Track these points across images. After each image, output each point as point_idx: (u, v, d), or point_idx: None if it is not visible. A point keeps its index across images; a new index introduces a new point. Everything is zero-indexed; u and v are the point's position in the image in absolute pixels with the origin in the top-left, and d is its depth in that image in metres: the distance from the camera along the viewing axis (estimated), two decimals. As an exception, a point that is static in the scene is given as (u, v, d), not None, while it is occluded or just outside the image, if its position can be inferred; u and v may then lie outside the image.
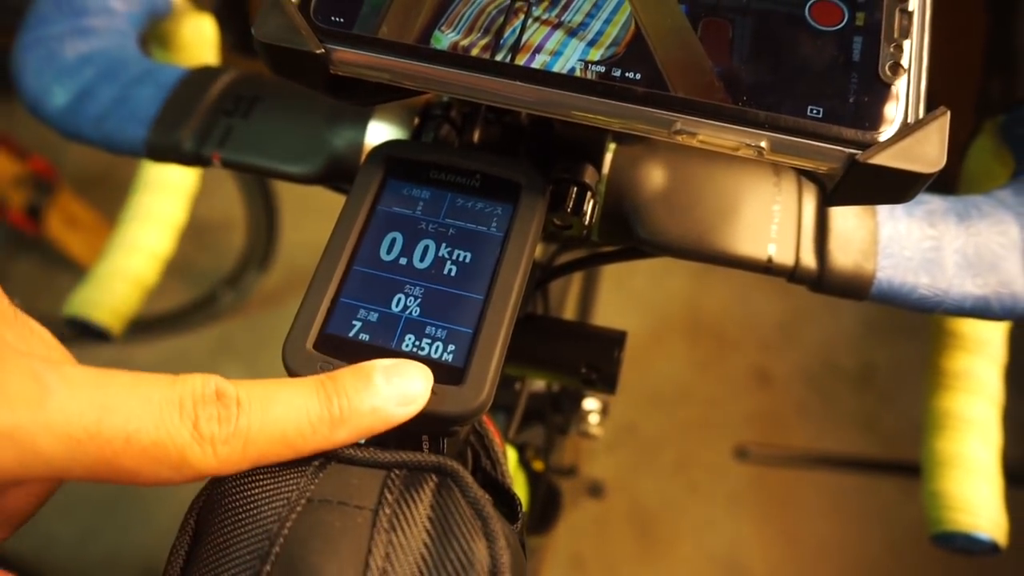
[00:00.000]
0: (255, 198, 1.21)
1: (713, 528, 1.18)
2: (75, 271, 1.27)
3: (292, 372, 0.23)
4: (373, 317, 0.23)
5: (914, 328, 1.29)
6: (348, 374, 0.21)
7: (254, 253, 1.29)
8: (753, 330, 1.36)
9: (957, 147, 0.36)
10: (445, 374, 0.22)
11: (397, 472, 0.20)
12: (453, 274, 0.24)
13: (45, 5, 0.38)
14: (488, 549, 0.18)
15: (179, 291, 1.33)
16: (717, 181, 0.29)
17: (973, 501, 0.36)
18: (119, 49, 0.38)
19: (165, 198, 0.52)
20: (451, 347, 0.23)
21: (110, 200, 0.53)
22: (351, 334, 0.23)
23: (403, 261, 0.24)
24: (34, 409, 0.17)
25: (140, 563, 1.15)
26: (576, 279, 0.86)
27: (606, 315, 1.19)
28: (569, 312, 0.85)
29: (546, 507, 0.51)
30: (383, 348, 0.23)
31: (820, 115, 0.21)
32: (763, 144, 0.21)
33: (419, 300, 0.24)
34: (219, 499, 0.19)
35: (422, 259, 0.24)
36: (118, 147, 0.35)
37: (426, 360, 0.23)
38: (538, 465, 0.49)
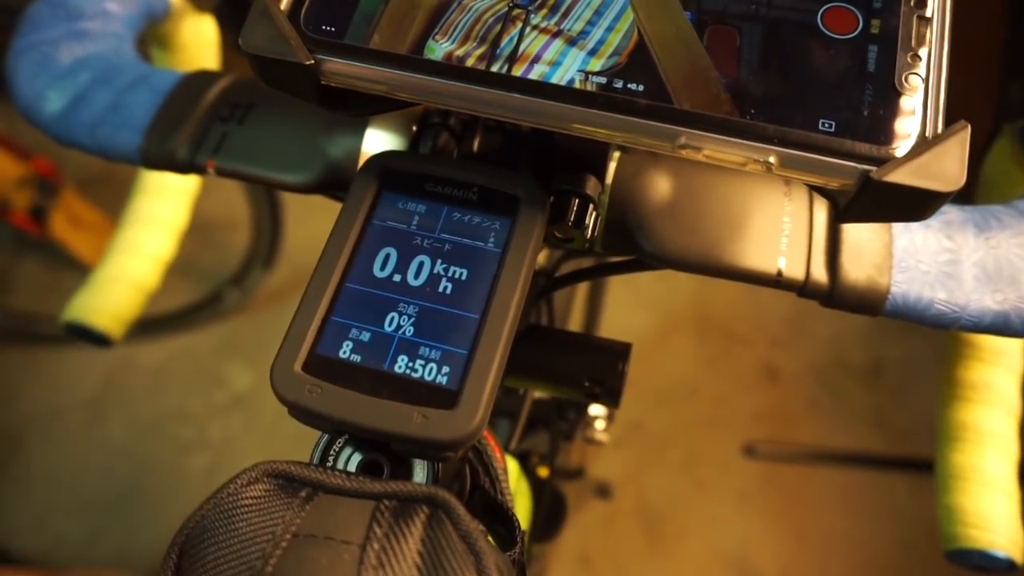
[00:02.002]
0: (259, 196, 1.20)
1: (721, 525, 1.17)
2: (81, 271, 1.27)
3: (280, 396, 0.22)
4: (365, 337, 0.23)
5: (925, 324, 1.27)
6: None
7: (259, 251, 1.28)
8: (762, 326, 1.35)
9: (975, 153, 0.35)
10: (438, 397, 0.22)
11: (387, 503, 0.19)
12: (448, 292, 0.23)
13: (40, 9, 0.38)
14: (481, 589, 0.18)
15: (184, 290, 1.32)
16: (725, 191, 0.28)
17: (990, 517, 0.35)
18: (114, 53, 0.37)
19: (166, 201, 0.51)
20: (445, 369, 0.22)
21: (114, 199, 0.52)
22: (342, 355, 0.22)
23: (397, 278, 0.24)
24: None
25: (148, 563, 1.16)
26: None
27: (614, 312, 1.18)
28: (577, 311, 0.84)
29: (551, 514, 0.51)
30: (375, 370, 0.22)
31: (832, 129, 0.20)
32: (772, 159, 0.20)
33: (413, 319, 0.23)
34: (202, 534, 0.19)
35: (417, 276, 0.24)
36: (112, 154, 0.34)
37: (419, 383, 0.22)
38: (543, 471, 0.49)
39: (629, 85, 0.21)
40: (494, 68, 0.22)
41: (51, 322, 1.23)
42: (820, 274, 0.27)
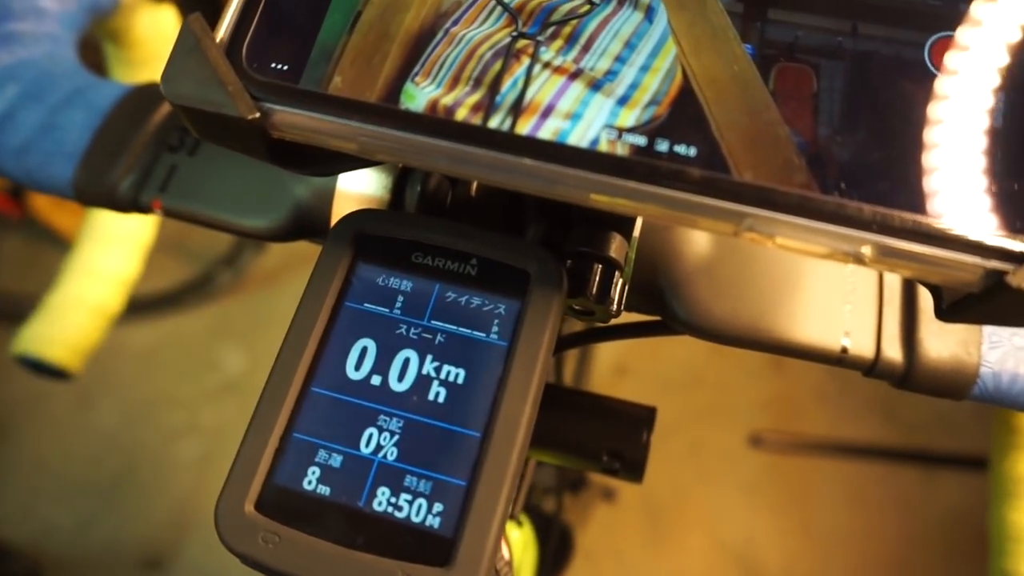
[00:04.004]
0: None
1: (726, 518, 1.15)
2: (63, 246, 1.22)
3: (227, 544, 0.17)
4: (336, 461, 0.18)
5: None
6: None
7: (250, 233, 1.24)
8: (770, 312, 1.31)
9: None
10: (428, 548, 0.17)
11: None
12: (442, 400, 0.18)
13: None
14: None
15: (175, 270, 1.29)
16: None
17: (1056, 592, 0.31)
18: (49, 60, 0.32)
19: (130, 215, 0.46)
20: (437, 506, 0.17)
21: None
22: (306, 486, 0.18)
23: (376, 380, 0.19)
24: None
25: (139, 551, 1.13)
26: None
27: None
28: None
29: (558, 552, 0.47)
30: (348, 507, 0.17)
31: (949, 210, 0.15)
32: (865, 251, 0.15)
33: (397, 437, 0.18)
34: None
35: (401, 378, 0.19)
36: (42, 187, 0.29)
37: (404, 526, 0.17)
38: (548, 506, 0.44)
39: (675, 147, 0.16)
40: (493, 123, 0.16)
41: (34, 301, 1.19)
42: (894, 351, 0.22)
